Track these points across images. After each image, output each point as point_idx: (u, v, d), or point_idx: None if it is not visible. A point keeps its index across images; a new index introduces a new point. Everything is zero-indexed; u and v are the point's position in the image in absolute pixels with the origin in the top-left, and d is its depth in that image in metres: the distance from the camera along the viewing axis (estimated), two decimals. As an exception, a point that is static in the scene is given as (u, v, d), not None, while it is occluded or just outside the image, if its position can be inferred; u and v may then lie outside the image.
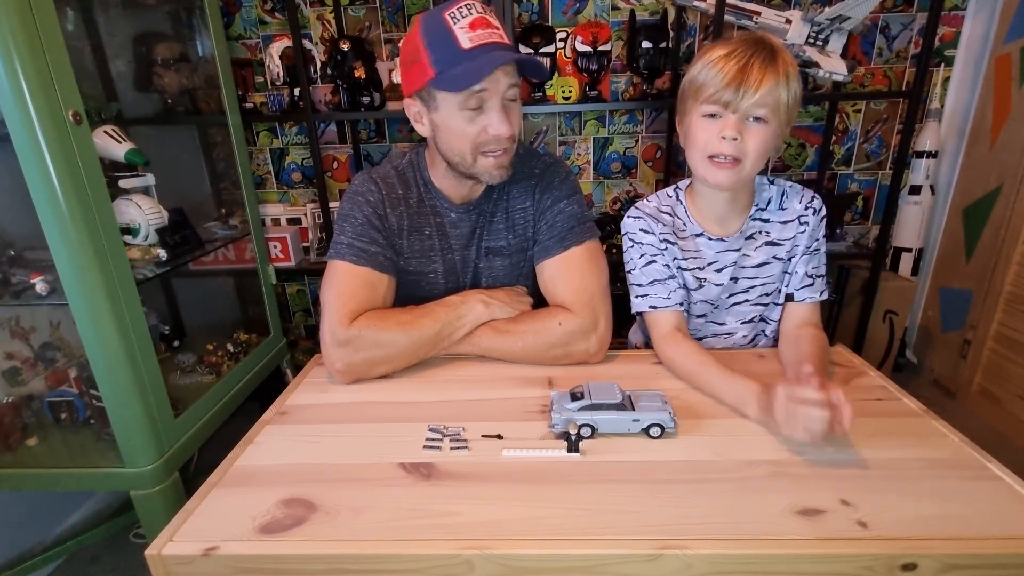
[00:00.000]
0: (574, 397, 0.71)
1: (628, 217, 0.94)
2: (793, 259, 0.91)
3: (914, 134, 1.77)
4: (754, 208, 0.90)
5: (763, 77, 0.75)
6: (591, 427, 0.69)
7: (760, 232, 0.91)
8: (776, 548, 0.51)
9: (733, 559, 0.51)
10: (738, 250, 0.91)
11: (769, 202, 0.90)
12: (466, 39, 0.76)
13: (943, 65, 1.76)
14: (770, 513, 0.56)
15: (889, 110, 1.86)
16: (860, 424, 0.64)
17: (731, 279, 0.92)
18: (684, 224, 0.92)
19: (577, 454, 0.66)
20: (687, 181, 0.95)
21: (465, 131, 0.82)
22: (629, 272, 0.94)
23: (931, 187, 1.80)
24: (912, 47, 1.78)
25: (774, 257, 0.92)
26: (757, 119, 0.78)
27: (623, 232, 0.95)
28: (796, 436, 0.64)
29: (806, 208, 0.89)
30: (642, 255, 0.91)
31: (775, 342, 0.96)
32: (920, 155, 1.78)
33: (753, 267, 0.92)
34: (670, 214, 0.93)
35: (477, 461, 0.66)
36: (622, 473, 0.63)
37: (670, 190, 0.95)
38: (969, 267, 1.74)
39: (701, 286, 0.93)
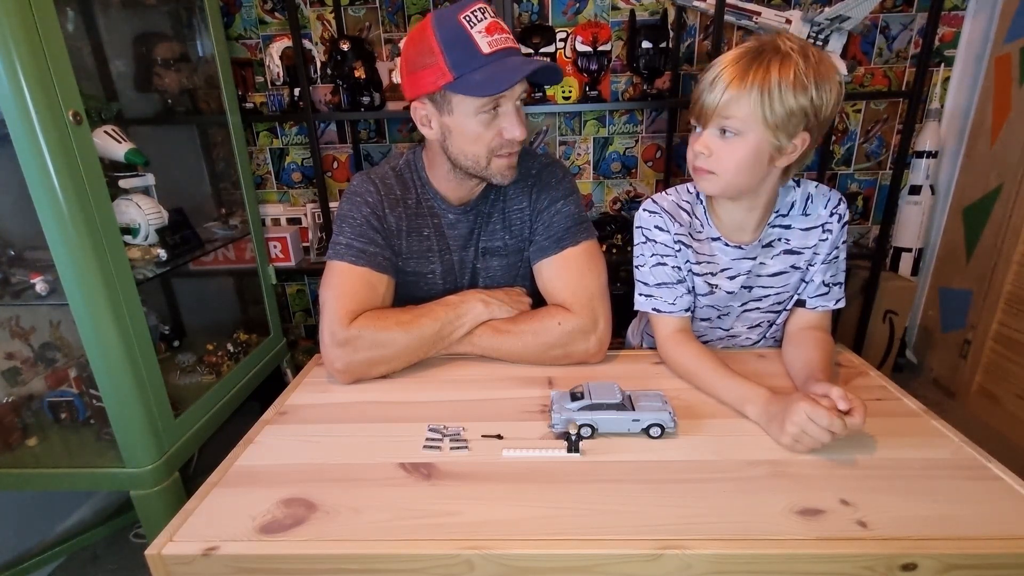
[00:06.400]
0: (574, 397, 0.71)
1: (644, 211, 0.89)
2: (812, 267, 0.87)
3: (914, 134, 1.77)
4: (774, 215, 0.85)
5: (728, 86, 0.71)
6: (591, 427, 0.69)
7: (780, 239, 0.86)
8: (776, 548, 0.51)
9: (733, 559, 0.51)
10: (754, 259, 0.87)
11: (792, 206, 0.85)
12: (485, 44, 0.77)
13: (943, 65, 1.76)
14: (770, 513, 0.56)
15: (889, 110, 1.86)
16: (860, 424, 0.64)
17: (744, 287, 0.89)
18: (701, 226, 0.87)
19: (577, 454, 0.66)
20: None
21: (481, 135, 0.82)
22: (637, 268, 0.90)
23: (931, 187, 1.80)
24: (912, 47, 1.78)
25: (792, 266, 0.87)
26: (729, 132, 0.74)
27: (636, 225, 0.90)
28: (796, 450, 0.65)
29: (831, 215, 0.84)
30: (653, 254, 0.87)
31: (776, 343, 0.96)
32: (920, 155, 1.78)
33: (769, 276, 0.88)
34: (689, 212, 0.88)
35: (477, 461, 0.66)
36: (622, 473, 0.63)
37: (692, 186, 0.89)
38: (969, 267, 1.74)
39: (712, 292, 0.90)
